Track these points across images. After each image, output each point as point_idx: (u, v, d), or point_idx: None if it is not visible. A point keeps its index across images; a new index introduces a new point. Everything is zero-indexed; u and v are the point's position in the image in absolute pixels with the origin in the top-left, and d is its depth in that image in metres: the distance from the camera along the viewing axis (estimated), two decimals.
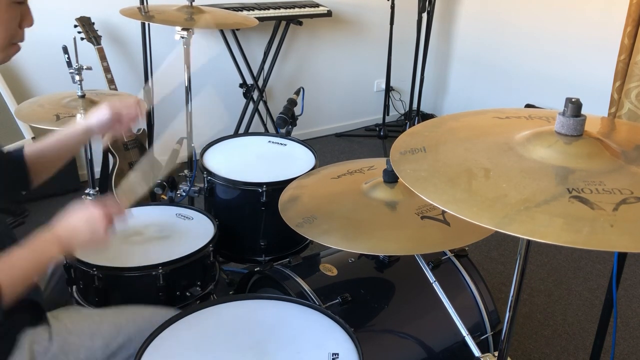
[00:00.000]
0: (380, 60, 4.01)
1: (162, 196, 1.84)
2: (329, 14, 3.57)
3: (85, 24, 2.81)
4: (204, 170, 1.88)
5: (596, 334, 1.62)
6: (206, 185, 1.89)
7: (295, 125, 2.11)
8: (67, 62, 2.37)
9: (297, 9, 3.46)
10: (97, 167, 2.86)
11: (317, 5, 3.59)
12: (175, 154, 1.92)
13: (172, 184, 1.86)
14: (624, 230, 0.73)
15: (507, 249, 2.77)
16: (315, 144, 3.78)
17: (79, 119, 1.84)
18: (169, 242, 1.61)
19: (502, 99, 3.96)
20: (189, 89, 2.43)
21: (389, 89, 4.06)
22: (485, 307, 1.61)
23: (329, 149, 3.94)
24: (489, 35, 3.98)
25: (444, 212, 1.32)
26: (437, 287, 1.39)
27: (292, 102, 2.10)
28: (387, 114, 4.14)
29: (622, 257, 1.50)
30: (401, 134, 1.05)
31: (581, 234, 0.72)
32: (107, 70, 2.82)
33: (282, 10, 3.41)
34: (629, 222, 0.74)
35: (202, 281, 1.60)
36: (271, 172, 1.87)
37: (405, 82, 4.12)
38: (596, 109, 3.19)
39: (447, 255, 1.65)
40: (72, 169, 3.04)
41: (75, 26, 2.78)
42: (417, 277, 1.48)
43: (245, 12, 3.24)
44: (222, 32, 3.38)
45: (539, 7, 3.62)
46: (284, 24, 3.51)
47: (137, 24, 2.82)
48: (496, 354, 1.20)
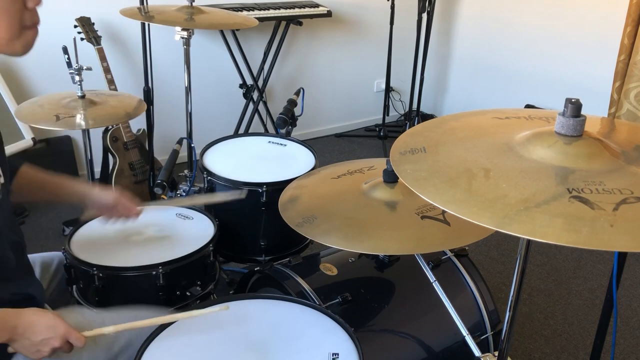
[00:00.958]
0: (380, 60, 4.01)
1: (162, 196, 1.84)
2: (328, 14, 3.57)
3: (85, 24, 2.81)
4: (204, 170, 1.88)
5: (596, 334, 1.62)
6: (206, 185, 1.89)
7: (295, 125, 2.11)
8: (67, 62, 2.37)
9: (297, 9, 3.46)
10: (97, 167, 2.87)
11: (317, 5, 3.59)
12: (175, 154, 1.92)
13: (172, 184, 1.86)
14: (624, 230, 0.73)
15: (507, 249, 2.77)
16: (315, 144, 3.79)
17: (79, 119, 1.84)
18: (169, 242, 1.61)
19: (502, 99, 3.97)
20: (189, 89, 2.43)
21: (389, 89, 4.06)
22: (485, 306, 1.61)
23: (329, 149, 3.94)
24: (489, 35, 3.98)
25: (444, 212, 1.32)
26: (437, 286, 1.39)
27: (292, 103, 2.10)
28: (387, 114, 4.15)
29: (622, 257, 1.50)
30: (401, 134, 1.05)
31: (581, 234, 0.73)
32: (107, 70, 2.82)
33: (282, 10, 3.41)
34: (629, 222, 0.74)
35: (202, 281, 1.60)
36: (271, 172, 1.87)
37: (405, 82, 4.12)
38: (596, 109, 3.19)
39: (447, 255, 1.65)
40: (72, 169, 3.05)
41: (75, 26, 2.78)
42: (417, 276, 1.48)
43: (245, 13, 3.24)
44: (222, 33, 3.38)
45: (539, 7, 3.62)
46: (284, 24, 3.51)
47: (137, 24, 2.82)
48: (496, 353, 1.20)
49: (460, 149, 0.96)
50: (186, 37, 2.28)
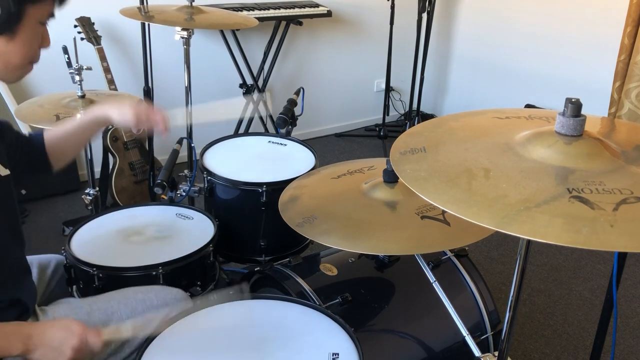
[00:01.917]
0: (380, 60, 4.01)
1: (162, 196, 1.84)
2: (329, 14, 3.57)
3: (85, 24, 2.81)
4: (204, 170, 1.88)
5: (596, 334, 1.62)
6: (206, 185, 1.89)
7: (295, 125, 2.11)
8: (67, 62, 2.37)
9: (297, 9, 3.46)
10: (97, 167, 2.86)
11: (317, 5, 3.59)
12: (175, 153, 1.92)
13: (172, 184, 1.86)
14: (624, 230, 0.73)
15: (507, 249, 2.77)
16: (315, 144, 3.79)
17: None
18: (169, 242, 1.61)
19: (502, 99, 3.97)
20: (189, 89, 2.43)
21: (389, 89, 4.06)
22: (485, 307, 1.61)
23: (329, 149, 3.94)
24: (489, 35, 3.98)
25: (444, 212, 1.32)
26: (437, 287, 1.39)
27: (292, 102, 2.10)
28: (387, 114, 4.15)
29: (622, 257, 1.50)
30: (401, 134, 1.05)
31: (581, 234, 0.72)
32: (107, 70, 2.82)
33: (282, 10, 3.41)
34: (629, 222, 0.74)
35: (202, 281, 1.60)
36: (271, 172, 1.87)
37: (405, 82, 4.12)
38: (596, 109, 3.19)
39: (447, 255, 1.65)
40: (72, 169, 3.04)
41: (75, 26, 2.78)
42: (417, 277, 1.48)
43: (245, 12, 3.24)
44: (222, 32, 3.38)
45: (539, 7, 3.62)
46: (284, 24, 3.51)
47: (137, 24, 2.82)
48: (496, 354, 1.20)
49: (460, 149, 0.95)
50: (186, 37, 2.28)
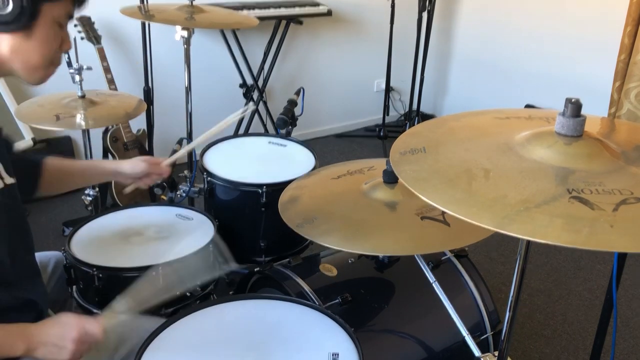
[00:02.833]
0: (380, 60, 4.01)
1: (162, 197, 1.84)
2: (329, 13, 3.57)
3: (85, 23, 2.81)
4: (204, 170, 1.88)
5: (596, 334, 1.62)
6: (206, 185, 1.89)
7: (295, 125, 2.10)
8: (67, 62, 2.37)
9: (297, 8, 3.46)
10: None
11: (317, 4, 3.59)
12: (174, 154, 1.92)
13: (172, 185, 1.86)
14: (624, 230, 0.73)
15: (507, 249, 2.77)
16: (315, 144, 3.79)
17: (79, 119, 1.84)
18: (169, 242, 1.61)
19: (502, 99, 3.97)
20: (189, 89, 2.43)
21: (389, 89, 4.06)
22: (485, 307, 1.61)
23: (329, 149, 3.94)
24: (489, 35, 3.98)
25: (443, 212, 1.32)
26: (437, 287, 1.39)
27: (292, 103, 2.09)
28: (387, 114, 4.15)
29: (622, 257, 1.50)
30: (401, 135, 1.05)
31: (581, 234, 0.72)
32: (107, 70, 2.82)
33: (283, 9, 3.41)
34: (629, 222, 0.74)
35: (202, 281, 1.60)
36: (271, 173, 1.87)
37: (405, 82, 4.12)
38: (596, 109, 3.19)
39: (447, 255, 1.65)
40: None
41: (75, 26, 2.78)
42: (417, 277, 1.48)
43: (245, 12, 3.24)
44: (222, 32, 3.38)
45: (539, 7, 3.62)
46: (284, 23, 3.51)
47: (137, 24, 2.82)
48: (496, 354, 1.20)
49: (460, 149, 0.95)
50: (186, 36, 2.28)
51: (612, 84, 3.07)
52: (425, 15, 3.67)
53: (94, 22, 2.84)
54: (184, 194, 1.91)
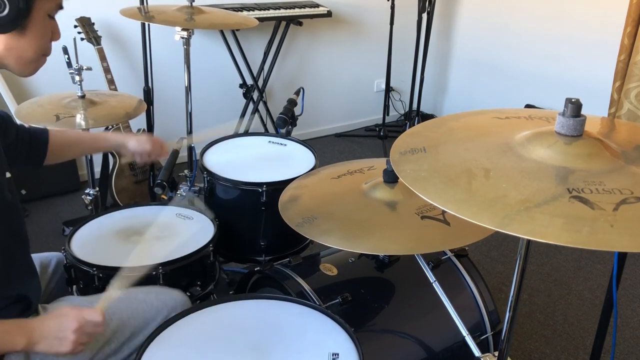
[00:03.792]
0: (380, 60, 4.01)
1: (162, 196, 1.84)
2: (328, 14, 3.57)
3: (85, 24, 2.81)
4: (204, 170, 1.88)
5: (596, 334, 1.62)
6: (206, 185, 1.89)
7: (295, 125, 2.11)
8: (67, 62, 2.37)
9: (297, 9, 3.46)
10: (97, 167, 2.86)
11: (317, 5, 3.59)
12: (175, 154, 1.92)
13: (172, 184, 1.86)
14: (624, 230, 0.73)
15: (507, 249, 2.77)
16: (315, 144, 3.79)
17: (79, 119, 1.84)
18: (169, 242, 1.61)
19: (502, 99, 3.97)
20: (189, 89, 2.43)
21: (389, 89, 4.06)
22: (485, 307, 1.61)
23: (329, 149, 3.94)
24: (489, 35, 3.98)
25: (444, 212, 1.32)
26: (437, 287, 1.39)
27: (292, 102, 2.09)
28: (387, 114, 4.15)
29: (622, 257, 1.50)
30: (401, 134, 1.05)
31: (581, 234, 0.72)
32: (107, 70, 2.82)
33: (282, 10, 3.41)
34: (629, 222, 0.74)
35: (202, 281, 1.60)
36: (271, 172, 1.87)
37: (405, 82, 4.12)
38: (596, 109, 3.19)
39: (447, 255, 1.65)
40: (72, 169, 3.04)
41: (75, 26, 2.78)
42: (417, 276, 1.48)
43: (245, 13, 3.24)
44: (222, 33, 3.38)
45: (539, 7, 3.62)
46: (284, 24, 3.51)
47: (137, 24, 2.82)
48: (496, 354, 1.20)
49: (460, 149, 0.95)
50: (186, 37, 2.28)
51: (612, 84, 3.08)
52: (425, 16, 3.68)
53: (94, 23, 2.84)
54: (184, 194, 1.91)
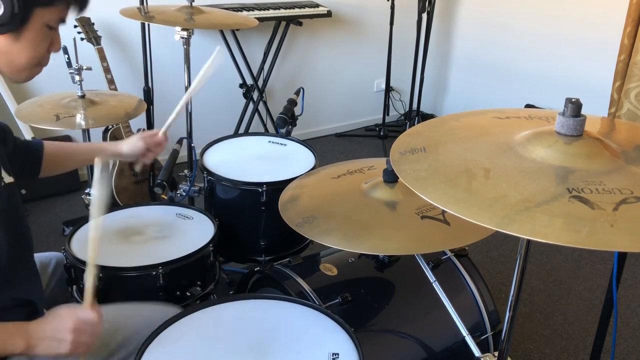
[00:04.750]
0: (380, 60, 4.01)
1: (162, 196, 1.84)
2: (328, 14, 3.57)
3: (85, 24, 2.81)
4: (204, 170, 1.88)
5: (596, 334, 1.62)
6: (206, 185, 1.89)
7: (295, 125, 2.11)
8: (67, 62, 2.37)
9: (297, 9, 3.46)
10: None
11: (317, 5, 3.59)
12: (175, 153, 1.92)
13: (172, 184, 1.86)
14: (624, 230, 0.73)
15: (507, 249, 2.77)
16: (315, 144, 3.79)
17: (79, 119, 1.84)
18: (169, 242, 1.61)
19: (502, 99, 3.97)
20: (188, 89, 2.43)
21: (389, 89, 4.06)
22: (485, 307, 1.61)
23: (329, 149, 3.94)
24: (489, 35, 3.98)
25: (444, 212, 1.32)
26: (437, 286, 1.39)
27: (292, 102, 2.09)
28: (387, 114, 4.15)
29: (622, 257, 1.50)
30: (401, 134, 1.05)
31: (581, 234, 0.72)
32: (107, 70, 2.82)
33: (282, 10, 3.41)
34: (629, 222, 0.74)
35: (202, 281, 1.60)
36: (271, 172, 1.87)
37: (405, 82, 4.12)
38: (596, 109, 3.19)
39: (447, 255, 1.65)
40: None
41: (75, 26, 2.78)
42: (417, 276, 1.48)
43: (245, 13, 3.24)
44: (222, 33, 3.38)
45: (539, 7, 3.62)
46: (283, 24, 3.51)
47: (137, 25, 2.82)
48: (496, 354, 1.20)
49: (460, 149, 0.95)
50: (186, 37, 2.28)
51: (612, 84, 3.08)
52: (425, 16, 3.68)
53: (94, 23, 2.84)
54: (184, 193, 1.91)
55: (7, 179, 1.19)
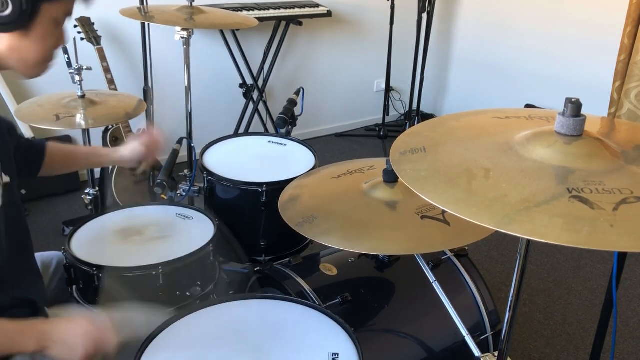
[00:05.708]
0: (380, 60, 4.01)
1: (162, 196, 1.84)
2: (328, 14, 3.57)
3: (85, 24, 2.81)
4: (204, 170, 1.88)
5: (596, 334, 1.62)
6: (206, 185, 1.89)
7: (295, 125, 2.10)
8: (67, 62, 2.37)
9: (297, 9, 3.46)
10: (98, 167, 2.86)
11: (317, 5, 3.59)
12: (175, 153, 1.92)
13: (172, 184, 1.86)
14: (624, 230, 0.73)
15: (507, 249, 2.77)
16: (315, 144, 3.78)
17: (79, 119, 1.84)
18: (169, 242, 1.61)
19: (502, 99, 3.97)
20: (188, 89, 2.43)
21: (389, 89, 4.06)
22: (485, 307, 1.61)
23: (329, 149, 3.94)
24: (489, 35, 3.98)
25: (444, 212, 1.32)
26: (437, 286, 1.39)
27: (292, 102, 2.09)
28: (387, 114, 4.15)
29: (622, 257, 1.50)
30: (401, 134, 1.05)
31: (581, 234, 0.72)
32: (107, 70, 2.82)
33: (282, 10, 3.41)
34: (629, 222, 0.74)
35: (202, 281, 1.60)
36: (271, 172, 1.87)
37: (405, 82, 4.12)
38: (596, 109, 3.19)
39: (447, 255, 1.65)
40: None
41: (75, 26, 2.78)
42: (417, 276, 1.48)
43: (245, 13, 3.24)
44: (222, 33, 3.38)
45: (539, 7, 3.62)
46: (284, 24, 3.51)
47: (137, 24, 2.82)
48: (496, 354, 1.20)
49: (460, 149, 0.95)
50: (186, 37, 2.28)
51: (612, 84, 3.08)
52: (425, 16, 3.68)
53: (94, 23, 2.84)
54: (184, 193, 1.91)
55: (4, 179, 1.19)
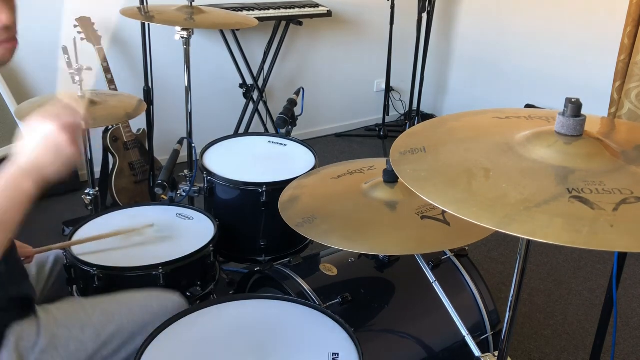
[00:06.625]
0: (380, 60, 4.01)
1: (162, 196, 1.84)
2: (329, 14, 3.57)
3: (85, 24, 2.81)
4: (204, 170, 1.88)
5: (596, 334, 1.62)
6: (206, 185, 1.89)
7: (295, 125, 2.11)
8: (67, 62, 2.37)
9: (297, 9, 3.46)
10: (97, 167, 2.86)
11: (317, 5, 3.59)
12: (175, 153, 1.92)
13: (172, 184, 1.86)
14: (624, 230, 0.73)
15: (507, 249, 2.77)
16: (315, 144, 3.79)
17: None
18: (169, 242, 1.61)
19: (502, 99, 3.97)
20: (189, 89, 2.43)
21: (389, 89, 4.06)
22: (485, 307, 1.61)
23: (329, 149, 3.94)
24: (489, 35, 3.98)
25: (444, 212, 1.32)
26: (437, 287, 1.39)
27: (292, 103, 2.10)
28: (387, 114, 4.15)
29: (622, 257, 1.50)
30: (401, 134, 1.05)
31: (581, 234, 0.72)
32: (107, 70, 2.82)
33: (282, 10, 3.41)
34: (629, 222, 0.74)
35: (202, 281, 1.60)
36: (271, 172, 1.87)
37: (405, 82, 4.12)
38: (596, 109, 3.19)
39: (447, 255, 1.65)
40: (72, 169, 3.04)
41: (75, 26, 2.78)
42: (417, 277, 1.48)
43: (245, 12, 3.24)
44: (222, 32, 3.38)
45: (539, 7, 3.62)
46: (284, 24, 3.51)
47: (137, 24, 2.82)
48: (496, 353, 1.20)
49: (460, 149, 0.96)
50: (186, 37, 2.28)
51: (612, 84, 3.08)
52: (425, 16, 3.68)
53: (94, 23, 2.84)
54: (184, 194, 1.91)
55: None
